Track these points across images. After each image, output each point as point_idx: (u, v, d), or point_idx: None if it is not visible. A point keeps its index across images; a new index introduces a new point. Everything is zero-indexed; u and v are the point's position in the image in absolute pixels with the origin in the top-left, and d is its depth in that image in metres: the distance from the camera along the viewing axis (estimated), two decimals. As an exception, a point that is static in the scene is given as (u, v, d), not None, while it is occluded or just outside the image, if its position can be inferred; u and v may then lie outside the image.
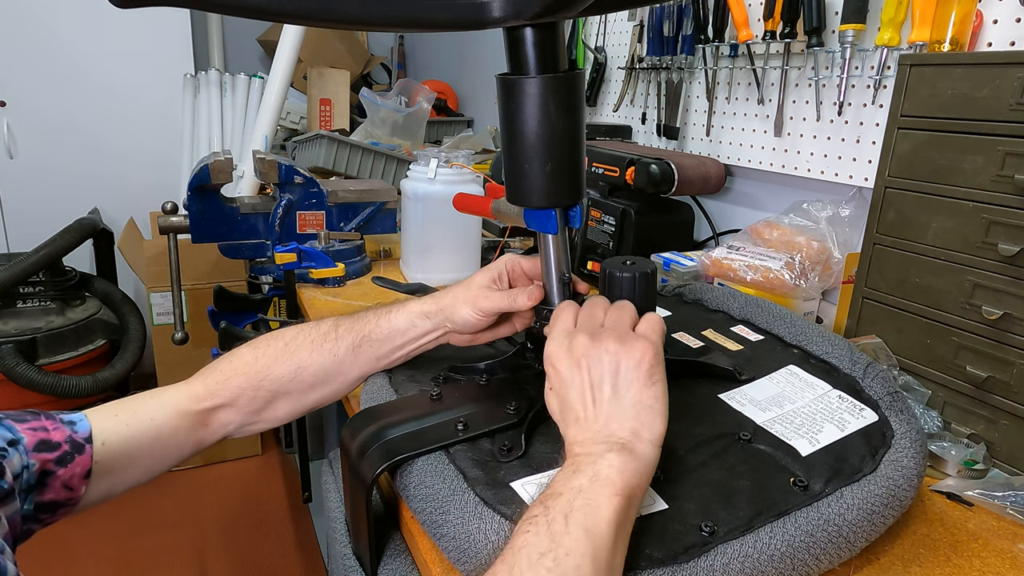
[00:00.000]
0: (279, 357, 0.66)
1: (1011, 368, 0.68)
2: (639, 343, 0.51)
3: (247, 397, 0.65)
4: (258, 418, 0.67)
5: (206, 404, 0.63)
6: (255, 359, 0.66)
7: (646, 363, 0.50)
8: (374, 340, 0.68)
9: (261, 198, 1.31)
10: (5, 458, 0.49)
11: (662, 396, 0.50)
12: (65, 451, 0.54)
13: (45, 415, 0.56)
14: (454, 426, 0.57)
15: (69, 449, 0.54)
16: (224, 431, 0.65)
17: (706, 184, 1.23)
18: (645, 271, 0.63)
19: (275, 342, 0.67)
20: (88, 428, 0.56)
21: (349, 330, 0.68)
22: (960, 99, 0.71)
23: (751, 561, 0.46)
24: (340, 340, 0.67)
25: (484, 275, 0.68)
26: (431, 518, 0.51)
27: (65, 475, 0.54)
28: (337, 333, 0.68)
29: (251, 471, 2.35)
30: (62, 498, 0.54)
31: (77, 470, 0.54)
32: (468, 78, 2.75)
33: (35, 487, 0.52)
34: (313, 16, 0.47)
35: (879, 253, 0.81)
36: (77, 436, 0.55)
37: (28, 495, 0.51)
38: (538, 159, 0.55)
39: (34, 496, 0.52)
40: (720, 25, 1.23)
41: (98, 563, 1.89)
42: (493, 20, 0.45)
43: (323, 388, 0.68)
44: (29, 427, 0.53)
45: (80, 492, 0.55)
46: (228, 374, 0.65)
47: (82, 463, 0.55)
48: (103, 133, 2.61)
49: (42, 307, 2.17)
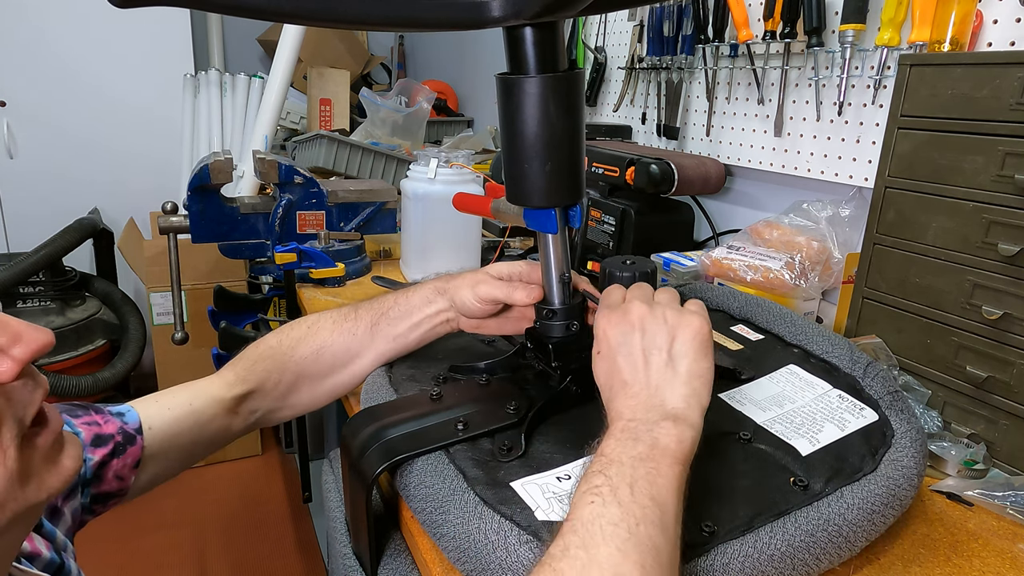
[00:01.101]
0: (302, 339, 0.68)
1: (1011, 368, 0.68)
2: (695, 317, 0.52)
3: (273, 381, 0.67)
4: (283, 404, 0.68)
5: (236, 391, 0.65)
6: (279, 343, 0.68)
7: (702, 335, 0.51)
8: (392, 318, 0.69)
9: (261, 198, 1.31)
10: None
11: (711, 371, 0.51)
12: (118, 442, 0.56)
13: (94, 408, 0.57)
14: (454, 426, 0.57)
15: (122, 440, 0.56)
16: (253, 418, 0.67)
17: (706, 184, 1.23)
18: (645, 271, 0.63)
19: (298, 326, 0.69)
20: (137, 418, 0.58)
21: (368, 310, 0.70)
22: (960, 99, 0.71)
23: (751, 561, 0.46)
24: (360, 320, 0.69)
25: (495, 268, 0.69)
26: (431, 518, 0.51)
27: (117, 466, 0.56)
28: (357, 314, 0.70)
29: (251, 471, 2.35)
30: (114, 489, 0.56)
31: (128, 460, 0.56)
32: (468, 78, 2.75)
33: (91, 481, 0.54)
34: (313, 16, 0.47)
35: (879, 253, 0.81)
36: (128, 427, 0.57)
37: (85, 489, 0.53)
38: (538, 159, 0.55)
39: (90, 489, 0.54)
40: (720, 25, 1.23)
41: (98, 563, 1.89)
42: (493, 20, 0.45)
43: (341, 371, 0.69)
44: (83, 422, 0.55)
45: (130, 482, 0.57)
46: (254, 359, 0.67)
47: (133, 454, 0.57)
48: (103, 133, 2.61)
49: (42, 307, 2.17)
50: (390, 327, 0.69)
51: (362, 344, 0.69)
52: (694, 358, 0.50)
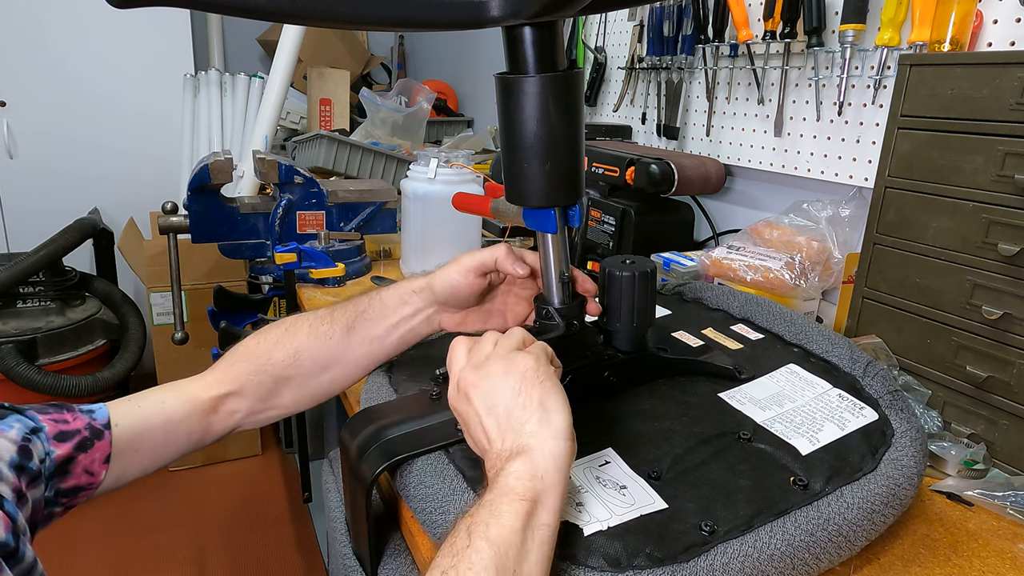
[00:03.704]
0: (279, 341, 0.67)
1: (1011, 368, 0.68)
2: (519, 356, 0.51)
3: (252, 383, 0.66)
4: (265, 406, 0.68)
5: (215, 392, 0.65)
6: (256, 344, 0.68)
7: (528, 368, 0.50)
8: (367, 319, 0.69)
9: (261, 198, 1.31)
10: (30, 443, 0.51)
11: (553, 391, 0.49)
12: (85, 437, 0.56)
13: (66, 407, 0.58)
14: (454, 426, 0.57)
15: (89, 435, 0.56)
16: (233, 419, 0.67)
17: (706, 184, 1.23)
18: (645, 270, 0.63)
19: (276, 328, 0.69)
20: (106, 415, 0.59)
21: (344, 311, 0.69)
22: (960, 99, 0.71)
23: (751, 560, 0.46)
24: (335, 322, 0.68)
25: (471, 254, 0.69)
26: (431, 518, 0.51)
27: (86, 460, 0.56)
28: (333, 316, 0.69)
29: (251, 471, 2.35)
30: (84, 483, 0.56)
31: (97, 455, 0.57)
32: (468, 78, 2.75)
33: (56, 474, 0.54)
34: (312, 16, 0.46)
35: (879, 253, 0.81)
36: (96, 423, 0.57)
37: (49, 481, 0.53)
38: (537, 158, 0.55)
39: (55, 483, 0.54)
40: (720, 25, 1.23)
41: (98, 562, 1.89)
42: (492, 19, 0.45)
43: (324, 374, 0.69)
44: (50, 418, 0.55)
45: (100, 477, 0.57)
46: (233, 360, 0.67)
47: (102, 448, 0.57)
48: (103, 133, 2.61)
49: (42, 307, 2.17)
50: (366, 329, 0.68)
51: (338, 347, 0.68)
52: (528, 390, 0.49)
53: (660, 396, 0.65)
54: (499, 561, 0.40)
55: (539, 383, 0.49)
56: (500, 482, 0.44)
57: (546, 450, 0.46)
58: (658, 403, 0.63)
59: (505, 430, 0.48)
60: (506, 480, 0.44)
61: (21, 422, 0.52)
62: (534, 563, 0.41)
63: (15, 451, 0.50)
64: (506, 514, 0.42)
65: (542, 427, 0.47)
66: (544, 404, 0.48)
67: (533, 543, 0.42)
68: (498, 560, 0.40)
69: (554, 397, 0.49)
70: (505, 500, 0.43)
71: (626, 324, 0.64)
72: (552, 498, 0.44)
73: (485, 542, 0.40)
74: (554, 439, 0.46)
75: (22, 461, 0.50)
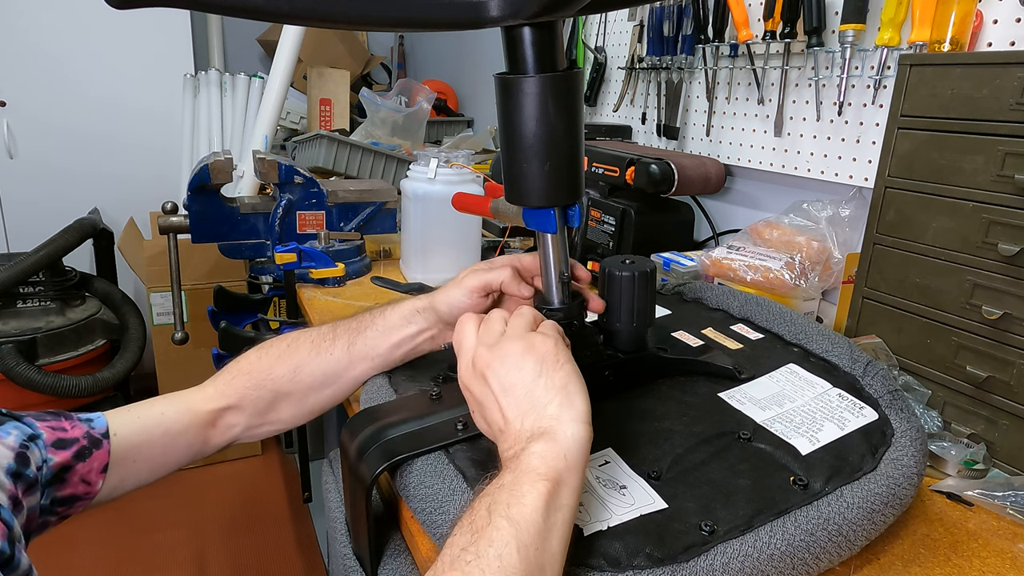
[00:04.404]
0: (280, 357, 0.67)
1: (1011, 368, 0.68)
2: (536, 337, 0.51)
3: (251, 397, 0.66)
4: (263, 420, 0.68)
5: (215, 404, 0.65)
6: (258, 359, 0.67)
7: (548, 350, 0.50)
8: (369, 338, 0.68)
9: (261, 198, 1.31)
10: (28, 450, 0.51)
11: (574, 375, 0.50)
12: (83, 446, 0.56)
13: (64, 415, 0.57)
14: (454, 426, 0.57)
15: (87, 444, 0.56)
16: (231, 432, 0.67)
17: (706, 184, 1.23)
18: (644, 270, 0.63)
19: (279, 343, 0.69)
20: (105, 424, 0.58)
21: (346, 330, 0.69)
22: (960, 99, 0.71)
23: (751, 560, 0.46)
24: (337, 340, 0.68)
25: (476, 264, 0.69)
26: (431, 518, 0.51)
27: (83, 469, 0.55)
28: (335, 333, 0.69)
29: (251, 471, 2.35)
30: (80, 492, 0.56)
31: (95, 464, 0.56)
32: (468, 78, 2.75)
33: (52, 482, 0.54)
34: (311, 16, 0.46)
35: (879, 253, 0.81)
36: (95, 432, 0.57)
37: (46, 489, 0.53)
38: (537, 158, 0.55)
39: (51, 491, 0.54)
40: (720, 25, 1.23)
41: (98, 563, 1.89)
42: (491, 19, 0.45)
43: (323, 390, 0.68)
44: (48, 425, 0.55)
45: (97, 486, 0.57)
46: (234, 374, 0.67)
47: (99, 458, 0.57)
48: (103, 133, 2.61)
49: (42, 307, 2.17)
50: (367, 347, 0.68)
51: (339, 364, 0.68)
52: (549, 373, 0.49)
53: (660, 396, 0.65)
54: (520, 539, 0.40)
55: (560, 366, 0.50)
56: (522, 461, 0.44)
57: (568, 433, 0.46)
58: (658, 403, 0.63)
59: (526, 411, 0.48)
60: (529, 460, 0.44)
61: (19, 429, 0.52)
62: (555, 543, 0.42)
63: (12, 458, 0.50)
64: (528, 494, 0.42)
65: (563, 410, 0.47)
66: (566, 388, 0.49)
67: (555, 523, 0.42)
68: (519, 538, 0.40)
69: (575, 381, 0.49)
70: (527, 480, 0.43)
71: (626, 324, 0.64)
72: (574, 479, 0.44)
73: (506, 520, 0.40)
74: (575, 422, 0.47)
75: (19, 468, 0.50)
